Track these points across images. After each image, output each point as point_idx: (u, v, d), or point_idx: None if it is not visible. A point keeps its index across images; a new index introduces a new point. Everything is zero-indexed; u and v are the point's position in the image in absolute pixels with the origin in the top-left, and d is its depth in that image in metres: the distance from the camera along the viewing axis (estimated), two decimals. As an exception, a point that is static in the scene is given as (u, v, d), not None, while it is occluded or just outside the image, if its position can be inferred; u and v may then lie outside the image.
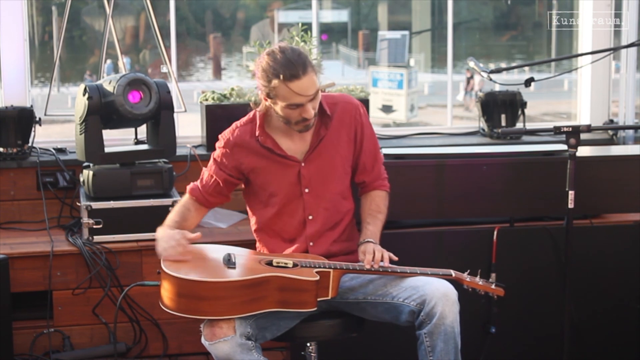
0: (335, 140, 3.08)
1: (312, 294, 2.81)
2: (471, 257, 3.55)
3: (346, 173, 3.13)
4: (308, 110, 2.91)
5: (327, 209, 3.08)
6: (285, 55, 2.87)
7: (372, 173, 3.17)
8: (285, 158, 3.04)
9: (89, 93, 3.72)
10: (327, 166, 3.07)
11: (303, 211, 3.06)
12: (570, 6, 5.38)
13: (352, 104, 3.14)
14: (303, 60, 2.87)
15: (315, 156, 3.06)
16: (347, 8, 11.34)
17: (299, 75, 2.85)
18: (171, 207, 3.75)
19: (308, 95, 2.88)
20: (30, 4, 4.70)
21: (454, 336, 2.83)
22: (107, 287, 3.71)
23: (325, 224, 3.08)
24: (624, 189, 3.70)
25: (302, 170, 3.05)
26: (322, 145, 3.06)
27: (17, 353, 3.65)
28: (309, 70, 2.87)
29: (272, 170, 3.05)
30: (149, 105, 3.79)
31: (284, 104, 2.89)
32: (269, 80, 2.87)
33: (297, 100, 2.88)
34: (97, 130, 3.77)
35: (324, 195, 3.07)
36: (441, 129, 5.02)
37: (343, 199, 3.12)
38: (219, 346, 2.73)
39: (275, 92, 2.88)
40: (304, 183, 3.05)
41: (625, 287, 3.74)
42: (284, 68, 2.84)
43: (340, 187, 3.11)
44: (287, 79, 2.84)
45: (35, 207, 4.13)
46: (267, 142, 3.03)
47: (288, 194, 3.06)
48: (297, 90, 2.86)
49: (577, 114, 5.12)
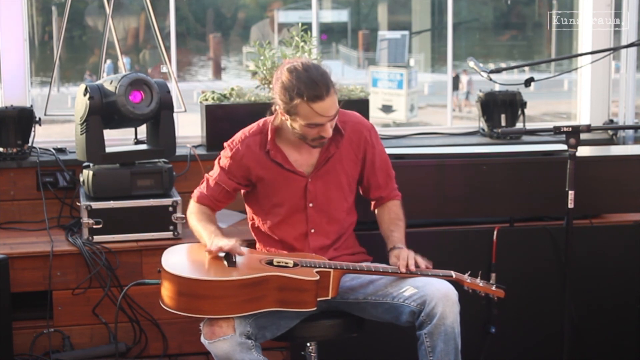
0: (343, 158, 3.10)
1: (312, 293, 2.81)
2: (471, 257, 3.56)
3: (351, 191, 3.16)
4: (327, 129, 2.92)
5: (330, 224, 3.10)
6: (309, 74, 2.84)
7: (386, 188, 3.21)
8: (293, 172, 3.05)
9: (90, 93, 3.72)
10: (333, 183, 3.09)
11: (306, 224, 3.08)
12: (570, 6, 5.38)
13: (363, 124, 3.15)
14: (326, 81, 2.86)
15: (322, 173, 3.07)
16: (347, 8, 11.32)
17: (323, 97, 2.84)
18: (171, 207, 3.77)
19: (329, 116, 2.89)
20: (30, 4, 4.70)
21: (454, 336, 2.83)
22: (107, 287, 3.71)
23: (328, 238, 3.10)
24: (624, 189, 3.71)
25: (309, 185, 3.07)
26: (330, 163, 3.07)
27: (17, 353, 3.65)
28: (332, 91, 2.86)
29: (279, 182, 3.06)
30: (151, 106, 3.79)
31: (304, 123, 2.88)
32: (291, 98, 2.85)
33: (318, 120, 2.87)
34: (98, 130, 3.77)
35: (327, 210, 3.09)
36: (441, 129, 5.02)
37: (347, 215, 3.15)
38: (219, 345, 2.73)
39: (296, 110, 2.87)
40: (309, 198, 3.07)
41: (625, 287, 3.74)
42: (308, 88, 2.82)
43: (345, 205, 3.13)
44: (310, 100, 2.83)
45: (35, 207, 4.13)
46: (277, 157, 3.04)
47: (292, 207, 3.07)
48: (319, 111, 2.85)
49: (577, 114, 5.12)
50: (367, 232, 3.31)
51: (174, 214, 3.78)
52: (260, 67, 4.22)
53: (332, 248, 3.11)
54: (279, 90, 2.89)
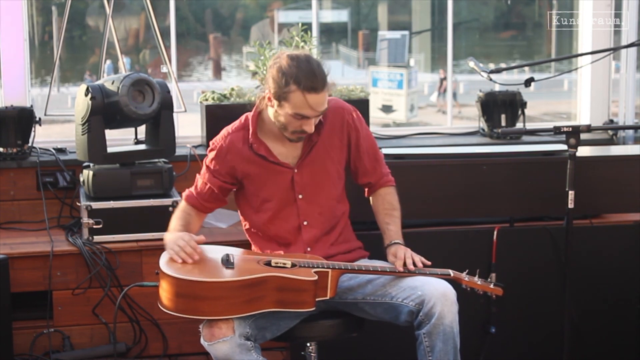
0: (327, 145, 3.07)
1: (310, 293, 2.81)
2: (471, 257, 3.55)
3: (340, 178, 3.13)
4: (310, 124, 2.91)
5: (322, 214, 3.08)
6: (310, 65, 2.85)
7: (375, 173, 3.17)
8: (278, 165, 3.03)
9: (91, 93, 3.71)
10: (320, 172, 3.06)
11: (297, 217, 3.06)
12: (570, 6, 5.38)
13: (343, 108, 3.12)
14: (324, 76, 2.87)
15: (308, 162, 3.05)
16: (347, 8, 11.33)
17: (318, 89, 2.84)
18: (171, 207, 3.76)
19: (318, 111, 2.89)
20: (30, 4, 4.70)
21: (453, 336, 2.83)
22: (107, 287, 3.71)
23: (322, 229, 3.08)
24: (624, 189, 3.70)
25: (295, 176, 3.04)
26: (314, 151, 3.05)
27: (17, 353, 3.65)
28: (326, 88, 2.87)
29: (265, 177, 3.04)
30: (153, 106, 3.79)
31: (292, 111, 2.87)
32: (286, 83, 2.84)
33: (306, 112, 2.87)
34: (100, 131, 3.76)
35: (318, 201, 3.07)
36: (441, 129, 5.02)
37: (338, 203, 3.12)
38: (218, 347, 2.73)
39: (287, 96, 2.85)
40: (298, 189, 3.05)
41: (625, 287, 3.74)
42: (306, 78, 2.82)
43: (334, 193, 3.10)
44: (306, 89, 2.82)
45: (35, 207, 4.13)
46: (261, 150, 3.02)
47: (282, 200, 3.05)
48: (311, 102, 2.85)
49: (577, 114, 5.12)
50: (367, 232, 3.31)
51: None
52: (260, 67, 4.22)
53: (327, 240, 3.08)
54: (274, 73, 2.87)
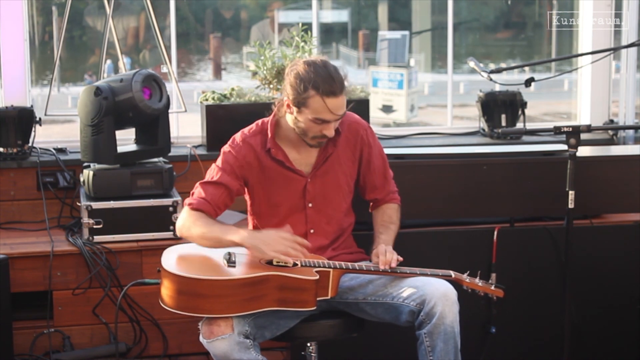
0: (341, 158, 3.10)
1: (311, 293, 2.81)
2: (471, 257, 3.56)
3: (350, 191, 3.15)
4: (331, 129, 2.92)
5: (329, 224, 3.10)
6: (327, 69, 2.88)
7: (382, 191, 3.20)
8: (293, 172, 3.04)
9: (103, 94, 3.70)
10: (332, 183, 3.09)
11: (305, 224, 3.07)
12: (570, 6, 5.38)
13: (358, 123, 3.15)
14: (342, 80, 2.89)
15: (321, 173, 3.07)
16: (347, 8, 11.32)
17: (337, 93, 2.86)
18: (171, 207, 3.77)
19: (337, 115, 2.90)
20: (30, 4, 4.69)
21: (454, 336, 2.83)
22: (107, 287, 3.71)
23: (327, 239, 3.10)
24: (624, 189, 3.70)
25: (308, 185, 3.06)
26: (329, 162, 3.07)
27: (17, 353, 3.65)
28: (344, 91, 2.89)
29: (279, 182, 3.05)
30: (162, 101, 3.83)
31: (312, 116, 2.88)
32: (305, 89, 2.85)
33: (326, 116, 2.88)
34: (111, 131, 3.76)
35: (326, 211, 3.09)
36: (441, 129, 5.02)
37: (345, 216, 3.15)
38: (217, 344, 2.73)
39: (307, 102, 2.87)
40: (308, 198, 3.06)
41: (625, 287, 3.74)
42: (324, 82, 2.84)
43: (343, 205, 3.13)
44: (325, 94, 2.84)
45: (35, 207, 4.13)
46: (279, 155, 3.03)
47: (291, 206, 3.07)
48: (330, 107, 2.86)
49: (577, 114, 5.12)
50: (367, 233, 3.31)
51: (174, 214, 3.78)
52: (261, 67, 4.22)
53: (330, 248, 3.10)
54: (292, 79, 2.89)
